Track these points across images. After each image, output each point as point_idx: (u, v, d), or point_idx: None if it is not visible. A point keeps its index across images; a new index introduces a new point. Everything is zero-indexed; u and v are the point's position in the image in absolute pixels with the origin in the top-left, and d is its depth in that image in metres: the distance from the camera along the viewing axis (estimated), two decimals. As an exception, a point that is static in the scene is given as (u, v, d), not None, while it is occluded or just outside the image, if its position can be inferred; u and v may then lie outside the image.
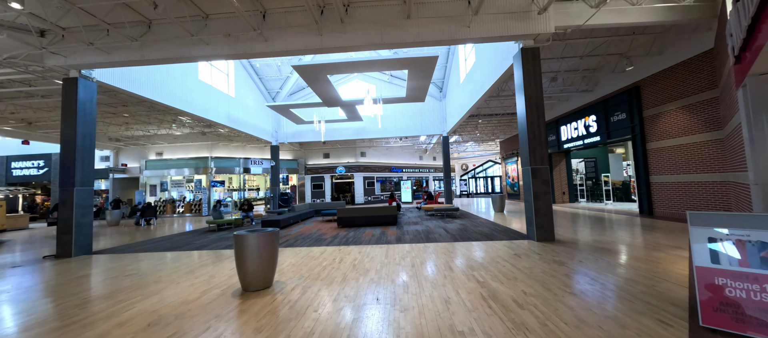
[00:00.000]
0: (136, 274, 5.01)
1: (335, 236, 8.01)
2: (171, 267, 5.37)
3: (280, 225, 9.83)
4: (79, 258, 6.63)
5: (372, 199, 23.20)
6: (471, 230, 8.02)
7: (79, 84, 7.11)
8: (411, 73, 9.36)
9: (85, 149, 7.16)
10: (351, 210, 9.76)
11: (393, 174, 25.27)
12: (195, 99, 11.66)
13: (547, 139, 6.40)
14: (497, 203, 12.38)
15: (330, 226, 10.06)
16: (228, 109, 13.90)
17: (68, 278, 4.96)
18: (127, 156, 19.84)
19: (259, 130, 16.68)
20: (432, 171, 29.15)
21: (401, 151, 26.17)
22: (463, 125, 17.94)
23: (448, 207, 11.10)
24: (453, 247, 6.02)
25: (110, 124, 14.32)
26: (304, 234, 8.51)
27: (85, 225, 7.06)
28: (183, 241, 8.28)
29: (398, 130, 18.39)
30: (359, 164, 22.77)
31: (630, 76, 10.19)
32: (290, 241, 7.49)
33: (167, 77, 10.26)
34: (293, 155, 22.97)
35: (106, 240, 9.40)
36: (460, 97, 14.30)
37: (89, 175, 7.23)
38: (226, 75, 14.32)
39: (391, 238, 7.31)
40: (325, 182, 22.78)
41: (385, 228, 8.98)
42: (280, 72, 16.40)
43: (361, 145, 22.98)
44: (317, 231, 9.13)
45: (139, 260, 6.16)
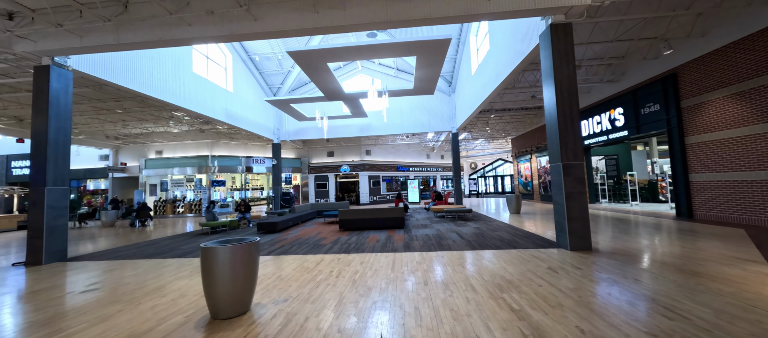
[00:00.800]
0: (98, 289, 4.25)
1: (336, 241, 7.18)
2: (140, 281, 4.59)
3: (276, 228, 9.05)
4: (50, 266, 5.93)
5: (377, 199, 22.35)
6: (488, 235, 7.09)
7: (52, 72, 6.41)
8: (420, 61, 8.46)
9: (59, 144, 6.46)
10: (354, 212, 8.92)
11: (399, 173, 24.38)
12: (189, 93, 10.96)
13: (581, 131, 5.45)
14: (512, 204, 11.40)
15: (331, 229, 9.24)
16: (226, 104, 13.20)
17: (19, 293, 4.22)
18: (126, 155, 19.37)
19: (259, 127, 15.97)
20: (440, 170, 28.16)
21: (408, 149, 25.26)
22: (473, 121, 16.97)
23: (460, 209, 10.18)
24: (471, 257, 5.12)
25: (105, 121, 13.77)
26: (301, 239, 7.70)
27: (59, 229, 6.36)
28: (169, 246, 7.54)
29: (405, 127, 17.49)
30: (364, 163, 21.94)
31: (665, 63, 9.11)
32: (284, 247, 6.67)
33: (157, 68, 9.56)
34: (296, 153, 22.26)
35: (91, 243, 8.74)
36: (471, 90, 13.34)
37: (63, 174, 6.53)
38: (223, 69, 13.62)
39: (398, 245, 6.43)
40: (329, 181, 22.02)
41: (391, 232, 8.11)
42: (281, 66, 15.66)
43: (366, 142, 22.16)
44: (317, 234, 8.32)
45: (111, 270, 5.41)
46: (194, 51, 11.54)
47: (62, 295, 4.06)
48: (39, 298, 3.98)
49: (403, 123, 17.50)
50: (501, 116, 16.33)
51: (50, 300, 3.90)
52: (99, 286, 4.40)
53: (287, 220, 9.85)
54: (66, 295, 4.05)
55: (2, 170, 19.07)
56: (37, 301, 3.86)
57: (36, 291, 4.29)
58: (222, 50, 13.51)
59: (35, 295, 4.12)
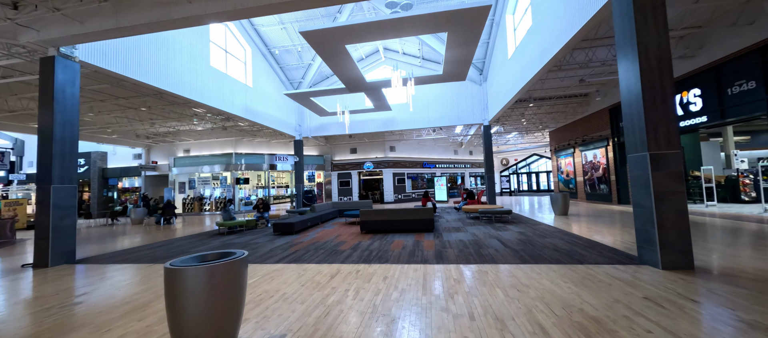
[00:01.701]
0: (80, 303, 3.65)
1: (356, 247, 6.28)
2: (129, 294, 3.95)
3: (293, 229, 8.34)
4: (55, 269, 5.57)
5: (402, 197, 21.33)
6: (538, 243, 5.84)
7: (57, 64, 6.05)
8: (452, 38, 7.29)
9: (65, 140, 6.11)
10: (377, 213, 7.99)
11: (425, 170, 23.17)
12: (207, 88, 10.58)
13: (676, 112, 4.09)
14: (558, 204, 9.90)
15: (352, 231, 8.39)
16: (245, 100, 12.80)
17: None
18: (157, 153, 19.90)
19: (280, 123, 15.53)
20: (468, 167, 26.55)
21: (434, 145, 23.96)
22: (507, 113, 15.41)
23: (498, 209, 8.91)
24: (525, 275, 3.97)
25: (134, 120, 13.94)
26: (318, 243, 6.89)
27: (66, 230, 6.01)
28: (180, 248, 7.05)
29: (431, 120, 16.29)
30: (388, 159, 21.00)
31: (763, 30, 7.24)
32: (298, 253, 5.88)
33: (173, 62, 9.20)
34: (319, 151, 21.80)
35: (110, 242, 8.56)
36: (507, 77, 11.88)
37: (70, 171, 6.18)
38: (243, 63, 13.24)
39: (428, 253, 5.40)
40: (352, 179, 21.35)
41: (419, 237, 7.08)
42: (301, 59, 15.07)
43: (390, 138, 21.19)
44: (336, 237, 7.49)
45: (110, 277, 4.88)
46: (211, 44, 11.17)
47: (37, 311, 3.48)
48: (13, 312, 3.42)
49: (430, 116, 16.31)
50: (540, 106, 14.64)
51: (19, 317, 3.32)
52: (83, 300, 3.81)
53: (305, 221, 9.14)
54: (41, 311, 3.46)
55: (49, 169, 20.31)
56: (5, 314, 3.29)
57: (16, 302, 3.77)
58: (241, 43, 13.13)
59: (12, 308, 3.59)
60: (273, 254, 5.95)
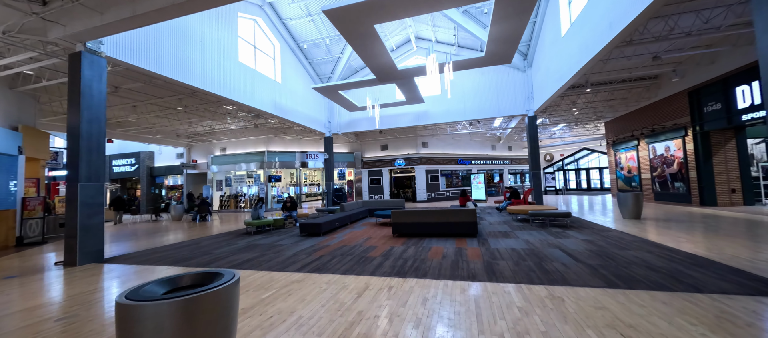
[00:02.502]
0: (71, 318, 3.23)
1: (388, 253, 5.47)
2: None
3: (320, 230, 7.74)
4: (82, 269, 5.44)
5: (436, 196, 20.19)
6: (619, 257, 4.59)
7: (83, 59, 5.94)
8: (500, 7, 6.14)
9: (92, 137, 6.00)
10: (411, 214, 7.11)
11: (460, 166, 21.78)
12: (236, 84, 10.40)
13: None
14: (628, 205, 8.27)
15: (383, 233, 7.60)
16: (274, 96, 12.56)
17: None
18: (197, 152, 20.74)
19: (310, 119, 15.21)
20: (507, 163, 24.61)
21: (470, 140, 22.44)
22: (556, 101, 13.66)
23: (554, 211, 7.60)
24: (621, 306, 2.87)
25: (173, 120, 14.40)
26: (345, 247, 6.18)
27: (94, 228, 5.90)
28: (205, 248, 6.75)
29: (468, 113, 14.99)
30: (421, 156, 19.96)
31: None
32: (322, 260, 5.19)
33: (201, 58, 9.04)
34: (349, 148, 21.37)
35: (143, 239, 8.61)
36: (559, 59, 10.32)
37: (98, 168, 6.06)
38: (272, 59, 13.02)
39: (475, 266, 4.42)
40: (383, 176, 20.63)
41: (460, 242, 6.09)
42: (330, 52, 14.58)
43: (422, 133, 20.12)
44: (365, 241, 6.74)
45: (121, 282, 4.56)
46: (240, 39, 10.99)
47: (29, 324, 3.10)
48: (7, 321, 3.08)
49: (467, 108, 15.02)
50: (597, 92, 12.73)
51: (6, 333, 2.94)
52: (73, 314, 3.40)
53: (333, 221, 8.52)
54: (32, 325, 3.08)
55: (106, 168, 22.08)
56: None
57: (14, 312, 3.47)
58: (269, 38, 12.91)
59: (9, 317, 3.26)
60: (295, 259, 5.34)
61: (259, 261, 5.37)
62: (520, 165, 25.58)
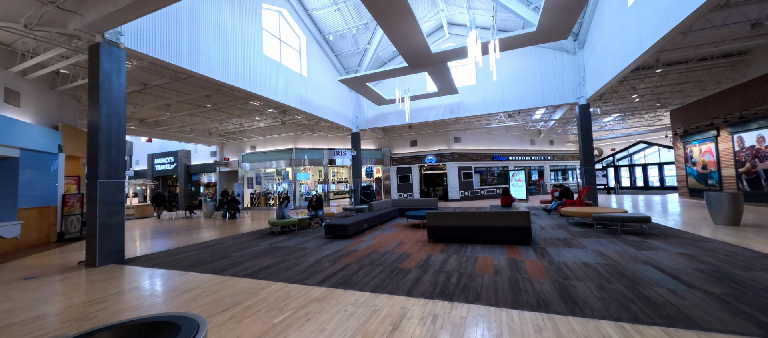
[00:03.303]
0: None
1: (425, 263, 4.59)
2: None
3: (347, 232, 7.03)
4: (102, 270, 5.17)
5: (469, 194, 18.86)
6: (748, 282, 3.33)
7: (102, 50, 5.68)
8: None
9: (112, 132, 5.73)
10: (449, 216, 6.15)
11: (496, 163, 20.21)
12: (261, 78, 10.02)
13: None
14: (725, 209, 6.63)
15: (417, 237, 6.72)
16: (300, 90, 12.11)
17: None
18: (229, 150, 21.16)
19: (336, 115, 14.66)
20: (548, 159, 22.52)
21: (506, 134, 20.76)
22: (615, 87, 11.88)
23: (627, 215, 6.25)
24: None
25: (204, 118, 14.56)
26: (375, 254, 5.39)
27: (114, 227, 5.64)
28: (226, 250, 6.30)
29: (507, 103, 13.58)
30: (453, 152, 18.73)
31: None
32: (348, 270, 4.44)
33: (225, 51, 8.71)
34: (377, 144, 20.66)
35: (171, 237, 8.48)
36: (623, 34, 8.72)
37: (117, 164, 5.80)
38: (297, 52, 12.58)
39: (543, 288, 3.40)
40: (412, 174, 19.68)
41: (512, 252, 5.05)
42: (357, 43, 13.88)
43: (454, 128, 18.87)
44: (397, 246, 5.91)
45: (142, 286, 4.12)
46: (265, 32, 10.60)
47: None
48: None
49: (505, 98, 13.61)
50: (667, 73, 10.80)
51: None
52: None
53: (361, 222, 7.78)
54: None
55: (149, 167, 23.33)
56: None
57: (10, 325, 3.06)
58: (294, 31, 12.47)
59: (6, 330, 2.85)
60: (318, 268, 4.63)
61: (278, 268, 4.74)
62: (562, 161, 23.35)
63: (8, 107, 7.65)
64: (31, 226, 8.06)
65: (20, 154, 7.77)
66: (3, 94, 7.50)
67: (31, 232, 8.03)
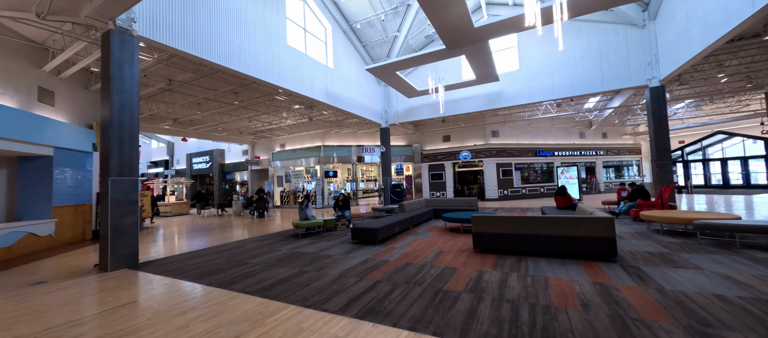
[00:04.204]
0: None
1: (475, 285, 3.53)
2: None
3: (376, 237, 6.12)
4: (113, 276, 4.75)
5: (509, 194, 17.15)
6: None
7: (113, 38, 5.27)
8: None
9: (124, 126, 5.31)
10: (500, 222, 4.99)
11: (539, 158, 18.25)
12: (285, 69, 9.45)
13: None
14: None
15: (458, 244, 5.63)
16: (326, 83, 11.43)
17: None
18: (259, 149, 21.29)
19: (364, 109, 13.85)
20: (601, 154, 19.99)
21: (551, 126, 18.67)
22: (699, 64, 9.78)
23: (747, 224, 4.67)
24: None
25: (234, 116, 14.51)
26: (410, 267, 4.41)
27: (126, 229, 5.21)
28: (242, 256, 5.68)
29: (557, 90, 11.86)
30: (490, 147, 17.15)
31: None
32: (379, 291, 3.50)
33: (246, 41, 8.19)
34: (407, 140, 19.60)
35: (195, 237, 8.16)
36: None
37: (130, 161, 5.37)
38: (323, 43, 11.91)
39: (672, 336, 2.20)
40: (445, 171, 18.38)
41: (593, 272, 3.80)
42: (385, 31, 12.93)
43: (492, 121, 17.26)
44: (435, 256, 4.88)
45: (131, 301, 3.53)
46: (288, 21, 10.02)
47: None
48: None
49: (555, 84, 11.90)
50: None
51: None
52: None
53: (392, 225, 6.83)
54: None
55: (187, 166, 24.29)
56: None
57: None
58: (320, 20, 11.80)
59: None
60: (341, 285, 3.76)
61: (295, 283, 3.94)
62: (617, 156, 20.65)
63: (43, 106, 7.72)
64: (66, 224, 8.12)
65: (54, 153, 7.83)
66: (37, 93, 7.56)
67: (66, 230, 8.09)
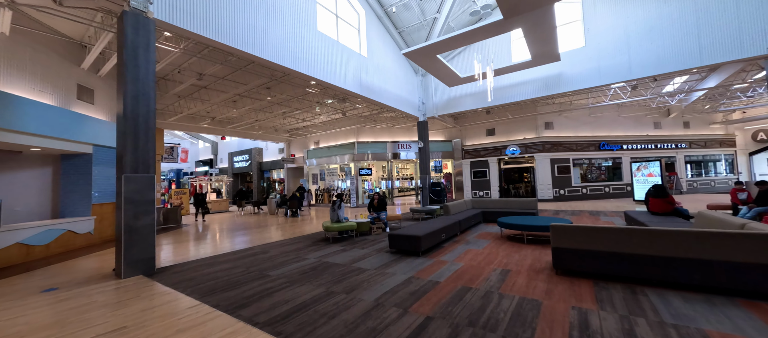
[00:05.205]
0: None
1: (582, 334, 2.27)
2: None
3: (420, 246, 5.01)
4: (125, 284, 4.23)
5: (567, 194, 14.96)
6: None
7: (126, 20, 4.77)
8: None
9: (139, 117, 4.80)
10: (590, 234, 3.61)
11: (602, 153, 15.72)
12: (315, 57, 8.70)
13: None
14: None
15: (527, 260, 4.32)
16: (359, 72, 10.54)
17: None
18: (295, 147, 21.21)
19: (400, 101, 12.75)
20: (683, 147, 16.76)
21: (618, 116, 16.00)
22: None
23: None
24: None
25: (267, 113, 14.29)
26: (470, 296, 3.24)
27: (141, 231, 4.69)
28: (264, 263, 4.92)
29: (636, 68, 9.71)
30: (543, 140, 15.09)
31: None
32: (433, 335, 2.40)
33: (273, 27, 7.53)
34: (446, 135, 18.14)
35: (225, 239, 7.72)
36: None
37: (146, 156, 4.85)
38: (356, 30, 11.02)
39: None
40: (489, 168, 16.64)
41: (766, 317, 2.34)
42: (423, 13, 11.69)
43: (545, 110, 15.17)
44: (501, 278, 3.65)
45: (119, 327, 2.82)
46: (318, 5, 9.25)
47: None
48: None
49: (632, 62, 9.78)
50: None
51: None
52: None
53: (437, 231, 5.66)
54: None
55: (229, 165, 25.14)
56: None
57: None
58: (352, 5, 10.92)
59: None
60: (378, 320, 2.72)
61: (318, 312, 2.98)
62: (702, 149, 17.19)
63: (82, 104, 7.74)
64: (106, 221, 8.13)
65: (93, 150, 7.85)
66: (76, 91, 7.58)
67: (105, 228, 8.10)
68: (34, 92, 6.55)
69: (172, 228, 10.47)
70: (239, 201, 16.06)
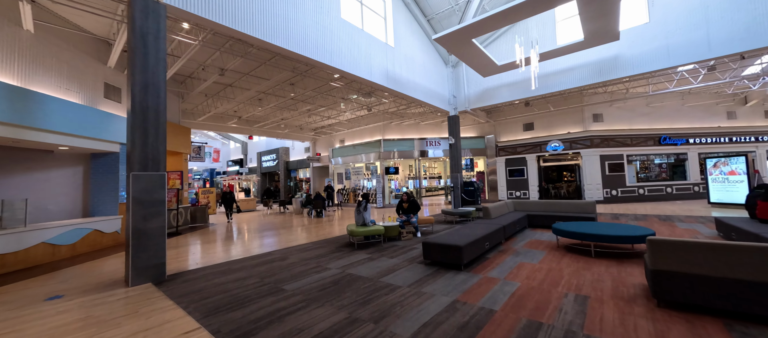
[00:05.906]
0: None
1: None
2: None
3: (461, 258, 4.16)
4: (132, 293, 3.83)
5: (620, 195, 13.19)
6: None
7: (135, 5, 4.37)
8: None
9: (148, 110, 4.39)
10: (718, 254, 2.57)
11: (664, 148, 13.72)
12: (338, 47, 8.08)
13: None
14: None
15: (603, 280, 3.33)
16: (386, 63, 9.79)
17: None
18: (320, 146, 20.97)
19: (429, 93, 11.84)
20: (764, 140, 14.23)
21: (680, 105, 13.89)
22: None
23: None
24: None
25: (292, 110, 14.03)
26: (540, 334, 2.36)
27: (151, 234, 4.28)
28: (281, 274, 4.32)
29: (716, 45, 8.06)
30: (591, 135, 13.43)
31: None
32: None
33: (294, 14, 6.99)
34: (478, 131, 16.89)
35: (244, 241, 7.33)
36: None
37: (156, 152, 4.44)
38: (382, 18, 10.29)
39: None
40: (527, 166, 15.19)
41: None
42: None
43: (592, 101, 13.50)
44: (578, 307, 2.72)
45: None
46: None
47: None
48: None
49: (711, 37, 8.13)
50: None
51: None
52: None
53: (480, 240, 4.76)
54: None
55: (257, 164, 25.55)
56: None
57: None
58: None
59: None
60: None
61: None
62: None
63: (109, 103, 7.71)
64: (133, 221, 8.07)
65: (120, 149, 7.81)
66: (103, 90, 7.55)
67: (132, 227, 8.04)
68: (61, 91, 6.50)
69: (200, 227, 10.40)
70: (266, 199, 16.25)
